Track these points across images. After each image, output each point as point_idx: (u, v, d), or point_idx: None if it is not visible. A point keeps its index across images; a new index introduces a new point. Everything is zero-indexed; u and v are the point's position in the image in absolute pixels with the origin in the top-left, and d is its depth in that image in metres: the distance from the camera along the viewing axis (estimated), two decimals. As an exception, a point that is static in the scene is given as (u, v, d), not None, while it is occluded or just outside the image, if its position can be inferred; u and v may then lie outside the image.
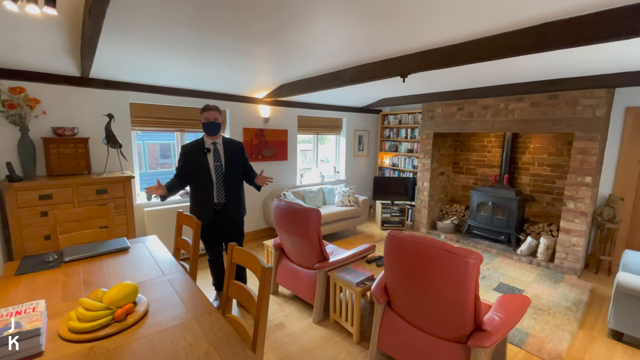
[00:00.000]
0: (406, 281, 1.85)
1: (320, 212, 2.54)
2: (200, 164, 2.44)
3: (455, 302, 1.66)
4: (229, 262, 1.63)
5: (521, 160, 4.46)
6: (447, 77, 3.50)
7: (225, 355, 1.16)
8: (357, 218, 4.89)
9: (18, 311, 1.26)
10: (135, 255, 2.04)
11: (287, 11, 1.74)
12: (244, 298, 1.52)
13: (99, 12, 1.29)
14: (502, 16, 1.73)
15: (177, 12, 1.73)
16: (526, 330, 2.52)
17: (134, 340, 1.22)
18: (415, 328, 1.93)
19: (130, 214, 3.04)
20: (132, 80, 3.26)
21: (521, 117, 3.90)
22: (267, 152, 4.52)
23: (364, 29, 2.01)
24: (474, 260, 1.57)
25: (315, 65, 3.00)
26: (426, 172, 5.01)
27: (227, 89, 3.89)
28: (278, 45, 2.36)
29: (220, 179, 2.49)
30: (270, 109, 4.49)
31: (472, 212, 4.58)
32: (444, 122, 4.70)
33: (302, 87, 3.63)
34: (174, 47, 2.38)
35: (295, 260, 2.84)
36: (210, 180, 2.46)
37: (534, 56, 2.53)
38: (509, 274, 3.60)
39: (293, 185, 4.95)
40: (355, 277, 2.38)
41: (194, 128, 3.93)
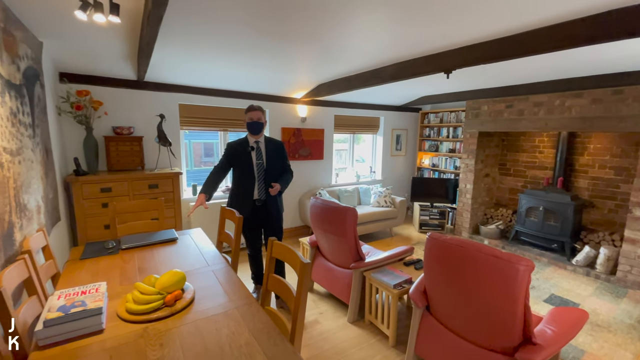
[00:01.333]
0: (448, 286, 1.78)
1: (356, 211, 2.52)
2: (243, 161, 2.56)
3: (502, 310, 1.56)
4: (268, 256, 1.67)
5: (578, 162, 4.07)
6: (495, 73, 3.30)
7: (265, 345, 1.19)
8: (393, 219, 4.78)
9: (83, 291, 1.40)
10: (182, 246, 2.17)
11: (330, 11, 1.74)
12: (283, 292, 1.55)
13: (157, 17, 1.40)
14: (560, 4, 1.59)
15: (229, 16, 1.81)
16: (581, 347, 2.30)
17: (182, 325, 1.30)
18: (456, 335, 1.84)
19: (178, 208, 3.25)
20: (181, 82, 3.48)
21: (579, 115, 3.56)
22: (304, 152, 4.58)
23: (406, 24, 1.95)
24: (525, 267, 1.46)
25: (354, 64, 2.98)
26: (469, 174, 4.77)
27: (268, 89, 4.00)
28: (319, 44, 2.38)
29: (261, 176, 2.58)
30: (307, 108, 4.54)
31: (521, 217, 4.27)
32: (490, 120, 4.43)
33: (341, 86, 3.63)
34: (222, 50, 2.50)
35: (330, 258, 2.84)
36: (252, 177, 2.56)
37: (595, 47, 2.30)
38: (562, 285, 3.31)
39: (328, 184, 4.97)
40: (392, 279, 2.33)
41: (237, 127, 4.10)
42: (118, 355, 1.12)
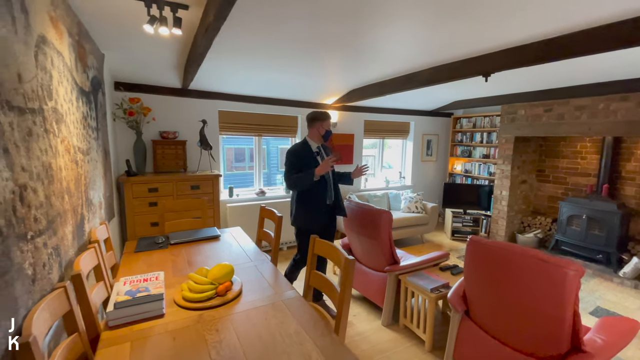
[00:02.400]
0: (490, 290, 1.75)
1: (391, 214, 2.53)
2: (312, 165, 2.43)
3: (549, 317, 1.52)
4: (310, 253, 1.74)
5: (625, 169, 3.84)
6: (532, 76, 3.22)
7: (313, 335, 1.25)
8: (424, 225, 4.71)
9: (145, 279, 1.53)
10: (224, 242, 2.29)
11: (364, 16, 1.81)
12: (325, 288, 1.60)
13: (215, 29, 1.53)
14: (598, 7, 1.56)
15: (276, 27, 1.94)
16: (636, 364, 2.16)
17: (234, 314, 1.38)
18: (497, 340, 1.80)
19: (217, 208, 3.42)
20: (221, 90, 3.69)
21: (626, 119, 3.37)
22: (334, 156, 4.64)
23: (442, 27, 1.98)
24: (574, 271, 1.42)
25: (389, 69, 3.03)
26: (505, 180, 4.62)
27: (301, 96, 4.13)
28: (353, 50, 2.46)
29: (331, 180, 2.55)
30: (338, 114, 4.62)
31: (561, 225, 4.07)
32: (527, 124, 4.29)
33: (373, 91, 3.68)
34: (263, 58, 2.65)
35: (364, 261, 2.86)
36: (325, 182, 2.50)
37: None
38: (607, 297, 3.11)
39: (358, 189, 4.99)
40: (429, 283, 2.32)
41: (271, 132, 4.25)
42: (180, 336, 1.22)
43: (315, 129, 2.51)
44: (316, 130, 2.51)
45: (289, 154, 2.49)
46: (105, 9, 1.71)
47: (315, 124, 2.49)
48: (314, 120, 2.50)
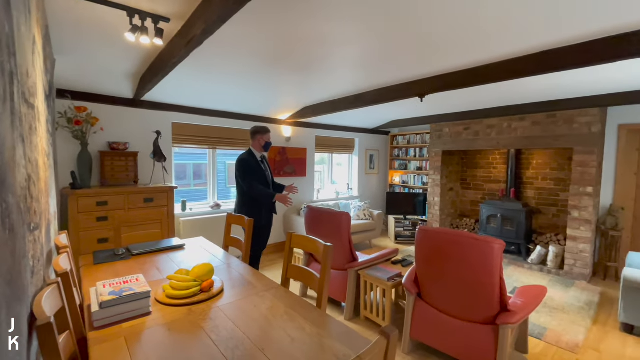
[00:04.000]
0: (437, 270, 2.10)
1: (349, 215, 2.81)
2: (258, 173, 2.93)
3: (483, 284, 1.91)
4: (287, 247, 1.89)
5: (525, 175, 4.78)
6: (455, 99, 3.90)
7: (302, 312, 1.41)
8: (372, 231, 5.13)
9: (125, 281, 1.52)
10: (191, 251, 2.29)
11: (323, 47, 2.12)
12: (304, 277, 1.77)
13: (199, 42, 1.66)
14: (508, 45, 2.11)
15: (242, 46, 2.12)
16: (544, 326, 2.71)
17: (223, 304, 1.47)
18: (446, 314, 2.14)
19: (172, 221, 3.31)
20: (175, 102, 3.66)
21: (524, 135, 4.27)
22: (289, 169, 4.84)
23: (390, 58, 2.40)
24: (499, 245, 1.84)
25: (339, 89, 3.40)
26: (436, 188, 5.32)
27: (257, 111, 4.29)
28: (308, 72, 2.75)
29: (271, 185, 3.06)
30: (291, 129, 4.87)
31: (482, 224, 4.83)
32: (452, 141, 5.07)
33: (325, 108, 4.02)
34: (222, 74, 2.78)
35: (325, 262, 3.06)
36: (268, 186, 3.00)
37: (533, 79, 2.92)
38: (522, 280, 3.80)
39: (311, 200, 5.23)
40: (385, 275, 2.61)
41: (226, 146, 4.29)
42: (174, 328, 1.27)
43: (257, 141, 2.95)
44: (257, 142, 2.95)
45: (244, 163, 2.89)
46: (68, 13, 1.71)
47: (257, 136, 2.94)
48: (256, 134, 2.95)
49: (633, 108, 3.73)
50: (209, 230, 3.77)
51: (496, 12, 1.70)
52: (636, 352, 2.38)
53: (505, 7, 1.63)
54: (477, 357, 1.98)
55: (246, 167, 2.87)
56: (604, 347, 2.43)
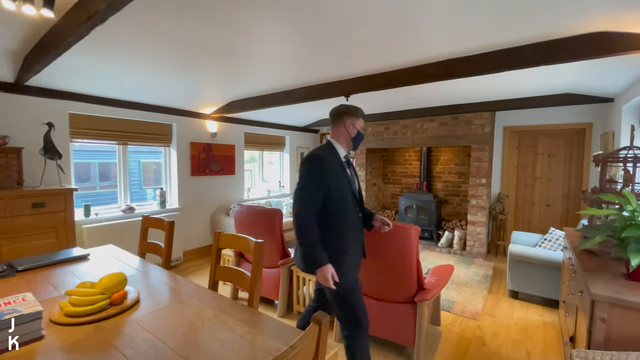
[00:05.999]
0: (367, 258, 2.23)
1: (282, 212, 2.80)
2: (344, 182, 1.69)
3: (403, 267, 2.09)
4: (215, 248, 1.78)
5: (435, 170, 5.42)
6: (376, 101, 4.21)
7: (232, 313, 1.34)
8: (303, 228, 5.19)
9: (7, 302, 1.24)
10: (98, 261, 1.99)
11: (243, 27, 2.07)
12: (234, 277, 1.69)
13: (103, 18, 1.44)
14: (421, 52, 2.36)
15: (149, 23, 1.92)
16: (453, 299, 3.12)
17: (139, 316, 1.31)
18: (373, 298, 2.29)
19: (72, 229, 2.82)
20: (73, 89, 3.12)
21: (433, 135, 4.82)
22: (215, 167, 4.58)
23: (317, 56, 2.46)
24: (415, 231, 2.04)
25: (267, 84, 3.35)
26: (362, 183, 5.65)
27: (178, 103, 3.94)
28: (236, 64, 2.64)
29: (359, 205, 1.80)
30: (217, 124, 4.61)
31: (401, 215, 5.31)
32: (374, 139, 5.45)
33: (254, 103, 3.92)
34: (134, 59, 2.48)
35: (256, 261, 2.99)
36: (356, 206, 1.76)
37: (440, 85, 3.33)
38: (434, 262, 4.30)
39: (241, 199, 5.05)
40: (316, 267, 2.67)
41: (140, 141, 3.84)
42: (76, 350, 1.09)
43: (343, 127, 1.74)
44: (344, 129, 1.74)
45: (313, 165, 1.61)
46: None
47: (344, 120, 1.74)
48: (342, 116, 1.74)
49: (514, 113, 4.53)
50: (120, 237, 3.34)
51: (410, 26, 1.88)
52: (521, 312, 2.91)
53: (415, 22, 1.82)
54: (400, 334, 2.17)
55: (318, 175, 1.59)
56: (497, 312, 2.91)
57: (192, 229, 4.33)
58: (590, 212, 1.55)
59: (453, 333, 2.56)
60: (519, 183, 4.68)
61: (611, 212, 1.53)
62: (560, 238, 3.23)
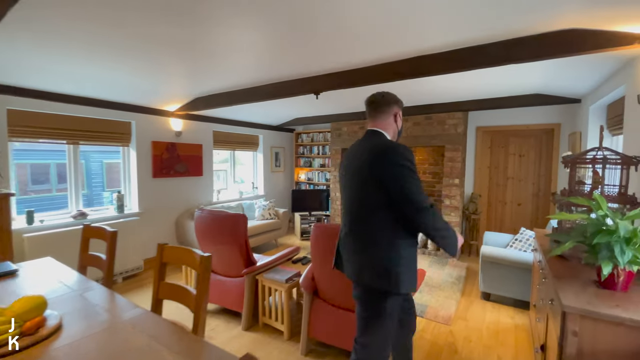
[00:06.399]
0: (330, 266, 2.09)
1: (246, 217, 2.61)
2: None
3: (372, 276, 1.97)
4: (158, 262, 1.58)
5: (411, 170, 5.38)
6: (349, 100, 4.09)
7: (168, 342, 1.16)
8: (278, 230, 5.01)
9: None
10: (28, 278, 1.74)
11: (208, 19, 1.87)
12: (180, 296, 1.49)
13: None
14: (391, 47, 2.24)
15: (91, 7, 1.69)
16: (426, 304, 3.04)
17: (56, 348, 1.10)
18: (341, 309, 2.16)
19: (8, 239, 2.51)
20: (10, 82, 2.79)
21: (408, 134, 4.77)
22: (180, 168, 4.30)
23: (284, 51, 2.29)
24: (384, 237, 1.91)
25: (234, 80, 3.14)
26: (337, 184, 5.53)
27: (135, 99, 3.64)
28: (194, 55, 2.43)
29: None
30: (182, 122, 4.34)
31: (378, 216, 5.23)
32: (350, 139, 5.34)
33: (221, 100, 3.69)
34: (82, 48, 2.21)
35: (220, 271, 2.78)
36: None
37: (414, 84, 3.24)
38: (409, 264, 4.23)
39: (209, 201, 4.79)
40: (283, 276, 2.51)
41: (94, 140, 3.51)
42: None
43: (392, 117, 1.53)
44: (394, 120, 1.54)
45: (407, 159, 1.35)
46: None
47: (394, 109, 1.53)
48: (391, 104, 1.52)
49: (486, 113, 4.54)
50: (67, 247, 3.02)
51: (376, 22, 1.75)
52: (492, 315, 2.87)
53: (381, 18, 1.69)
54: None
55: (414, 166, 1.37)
56: (470, 315, 2.86)
57: (155, 234, 4.05)
58: (560, 216, 1.47)
59: (425, 340, 2.47)
60: (491, 183, 4.71)
61: (581, 217, 1.46)
62: (530, 238, 3.23)
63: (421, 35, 2.02)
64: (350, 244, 1.49)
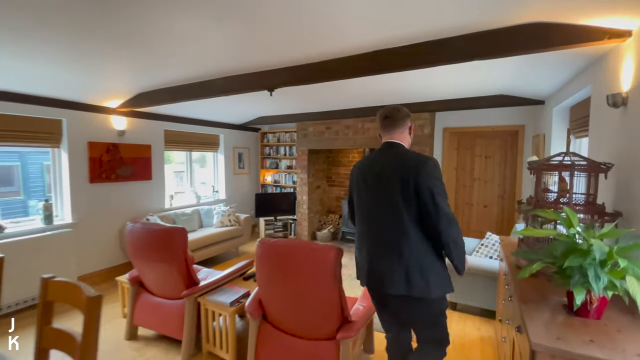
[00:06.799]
0: (277, 287, 1.82)
1: (185, 230, 2.27)
2: None
3: (321, 297, 1.72)
4: (41, 301, 1.23)
5: (379, 172, 5.22)
6: (316, 99, 3.85)
7: None
8: (239, 238, 4.66)
9: None
10: None
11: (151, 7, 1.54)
12: (65, 344, 1.16)
13: None
14: (344, 41, 2.00)
15: None
16: (390, 317, 2.84)
17: None
18: (291, 335, 1.89)
19: None
20: None
21: (375, 135, 4.58)
22: (124, 171, 3.85)
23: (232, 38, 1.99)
24: (334, 253, 1.67)
25: (179, 73, 2.78)
26: (304, 187, 5.26)
27: (65, 94, 3.17)
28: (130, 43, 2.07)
29: None
30: (127, 120, 3.88)
31: (344, 219, 5.03)
32: (316, 140, 5.09)
33: (167, 96, 3.30)
34: None
35: (158, 292, 2.43)
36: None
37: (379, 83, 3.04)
38: (376, 271, 4.05)
39: (161, 208, 4.35)
40: (228, 297, 2.20)
41: (10, 141, 3.00)
42: None
43: (408, 130, 1.61)
44: (407, 133, 1.62)
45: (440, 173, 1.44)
46: None
47: (408, 123, 1.61)
48: (405, 119, 1.59)
49: (453, 114, 4.45)
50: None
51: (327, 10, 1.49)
52: (459, 326, 2.72)
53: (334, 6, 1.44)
54: (321, 378, 1.79)
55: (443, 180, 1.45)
56: (435, 328, 2.69)
57: (92, 248, 3.57)
58: (528, 232, 1.29)
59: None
60: (458, 184, 4.64)
61: (549, 233, 1.28)
62: (496, 243, 3.13)
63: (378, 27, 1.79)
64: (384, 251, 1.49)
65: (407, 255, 1.41)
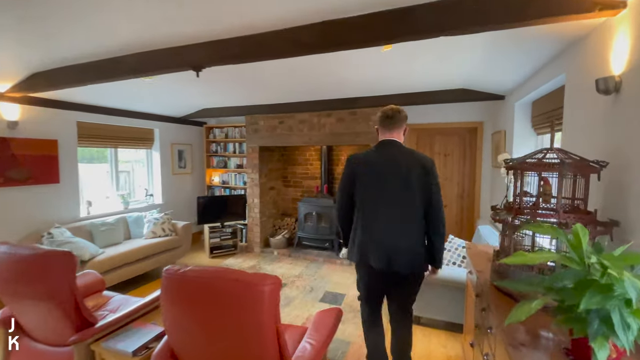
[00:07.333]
0: (192, 335, 1.33)
1: (71, 255, 1.67)
2: None
3: (255, 340, 1.26)
4: None
5: (336, 171, 4.86)
6: (267, 89, 3.40)
7: None
8: (177, 249, 4.02)
9: None
10: None
11: None
12: None
13: None
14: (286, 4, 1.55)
15: None
16: (348, 339, 2.48)
17: None
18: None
19: None
20: None
21: (331, 131, 4.21)
22: (17, 174, 3.03)
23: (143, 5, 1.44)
24: (270, 286, 1.22)
25: (85, 46, 2.15)
26: (255, 188, 4.74)
27: None
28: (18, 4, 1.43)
29: None
30: (20, 108, 3.06)
31: (301, 223, 4.60)
32: (268, 135, 4.59)
33: (70, 77, 2.60)
34: None
35: (40, 337, 1.79)
36: None
37: (331, 71, 2.66)
38: (333, 280, 3.68)
39: (74, 218, 3.56)
40: (135, 342, 1.65)
41: None
42: None
43: (403, 130, 1.81)
44: (403, 133, 1.82)
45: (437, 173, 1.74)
46: None
47: (404, 123, 1.81)
48: (404, 120, 1.80)
49: (413, 109, 4.16)
50: None
51: None
52: (423, 344, 2.44)
53: None
54: None
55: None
56: (397, 348, 2.36)
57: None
58: (521, 260, 0.94)
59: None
60: (418, 184, 4.44)
61: (552, 257, 0.96)
62: (460, 247, 2.91)
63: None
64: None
65: (413, 240, 1.68)
